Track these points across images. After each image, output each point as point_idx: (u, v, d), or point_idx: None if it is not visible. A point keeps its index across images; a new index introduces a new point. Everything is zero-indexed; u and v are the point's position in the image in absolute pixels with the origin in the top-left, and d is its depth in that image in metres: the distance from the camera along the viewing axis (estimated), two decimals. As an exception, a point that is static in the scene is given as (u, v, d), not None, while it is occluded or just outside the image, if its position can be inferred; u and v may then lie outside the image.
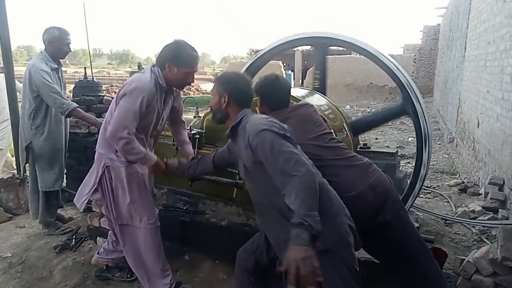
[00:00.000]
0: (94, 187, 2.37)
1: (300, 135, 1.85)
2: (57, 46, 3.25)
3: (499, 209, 3.71)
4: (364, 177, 1.98)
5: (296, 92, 2.81)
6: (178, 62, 2.21)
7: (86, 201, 2.44)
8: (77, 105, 3.21)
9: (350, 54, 18.09)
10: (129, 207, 2.37)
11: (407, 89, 2.71)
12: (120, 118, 2.14)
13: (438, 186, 5.04)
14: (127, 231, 2.46)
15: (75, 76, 20.71)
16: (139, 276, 2.50)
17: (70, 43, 3.32)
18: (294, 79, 20.32)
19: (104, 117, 3.95)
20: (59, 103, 3.12)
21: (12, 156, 5.14)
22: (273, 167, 1.60)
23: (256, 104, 2.17)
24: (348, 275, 1.60)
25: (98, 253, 2.74)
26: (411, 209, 3.08)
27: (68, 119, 3.50)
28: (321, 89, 3.12)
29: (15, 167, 4.80)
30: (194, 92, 24.39)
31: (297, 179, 1.50)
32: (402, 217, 2.05)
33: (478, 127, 5.26)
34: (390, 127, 10.09)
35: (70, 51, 3.38)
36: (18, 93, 4.21)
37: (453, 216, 3.78)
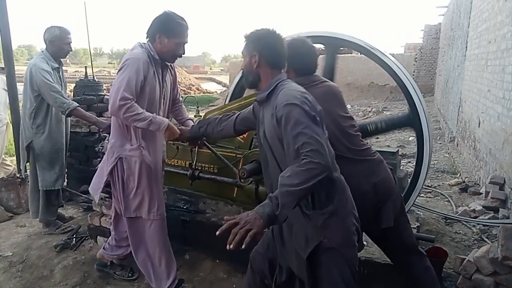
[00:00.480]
0: (107, 178, 2.38)
1: (325, 109, 1.69)
2: (58, 45, 3.25)
3: (500, 209, 3.71)
4: (370, 175, 1.94)
5: None
6: (168, 32, 2.19)
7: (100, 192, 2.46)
8: (77, 104, 3.21)
9: (351, 53, 18.06)
10: (139, 199, 2.38)
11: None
12: (117, 88, 2.09)
13: (438, 185, 5.04)
14: (135, 224, 2.46)
15: (75, 75, 20.78)
16: (145, 270, 2.50)
17: (71, 42, 3.32)
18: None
19: (104, 116, 3.98)
20: (59, 102, 3.12)
21: (12, 155, 5.15)
22: (288, 145, 1.52)
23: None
24: (349, 275, 1.61)
25: (103, 248, 2.74)
26: (412, 208, 3.08)
27: (68, 118, 3.50)
28: (372, 133, 2.92)
29: (10, 165, 4.80)
30: (194, 91, 24.38)
31: (305, 164, 1.43)
32: (400, 220, 2.04)
33: (479, 126, 5.24)
34: (391, 127, 10.07)
35: (71, 50, 3.39)
36: None
37: (454, 215, 3.77)
